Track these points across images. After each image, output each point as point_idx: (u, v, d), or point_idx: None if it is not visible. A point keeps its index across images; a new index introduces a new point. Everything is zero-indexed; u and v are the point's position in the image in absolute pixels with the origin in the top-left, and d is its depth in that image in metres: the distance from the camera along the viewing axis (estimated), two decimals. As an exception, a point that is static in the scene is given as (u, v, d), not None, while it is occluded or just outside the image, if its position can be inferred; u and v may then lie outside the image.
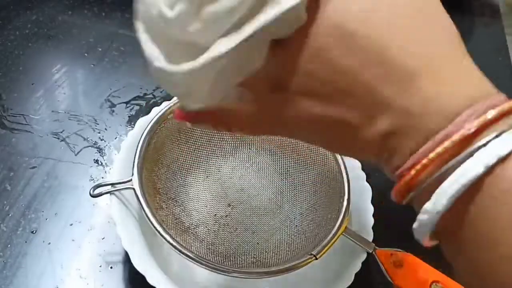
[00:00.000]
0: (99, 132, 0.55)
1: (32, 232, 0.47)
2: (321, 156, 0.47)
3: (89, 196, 0.41)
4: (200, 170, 0.48)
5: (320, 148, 0.47)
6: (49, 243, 0.46)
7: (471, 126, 0.17)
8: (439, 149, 0.17)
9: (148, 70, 0.22)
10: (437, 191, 0.18)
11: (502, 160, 0.17)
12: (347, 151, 0.23)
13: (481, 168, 0.17)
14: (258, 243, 0.45)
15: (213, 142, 0.48)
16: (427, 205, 0.18)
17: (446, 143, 0.17)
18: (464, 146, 0.17)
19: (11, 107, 0.56)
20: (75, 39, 0.64)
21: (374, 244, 0.41)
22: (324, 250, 0.40)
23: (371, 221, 0.44)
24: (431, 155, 0.18)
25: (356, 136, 0.20)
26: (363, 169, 0.47)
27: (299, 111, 0.21)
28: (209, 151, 0.49)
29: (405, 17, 0.19)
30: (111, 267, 0.45)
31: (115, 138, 0.55)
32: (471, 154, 0.17)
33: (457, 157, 0.17)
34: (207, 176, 0.48)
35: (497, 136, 0.17)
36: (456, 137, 0.17)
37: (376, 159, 0.21)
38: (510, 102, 0.18)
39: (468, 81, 0.19)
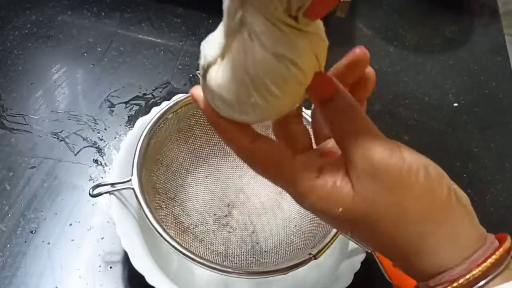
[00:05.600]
0: (98, 132, 0.55)
1: (32, 232, 0.47)
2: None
3: (89, 196, 0.41)
4: (199, 170, 0.48)
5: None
6: (49, 243, 0.46)
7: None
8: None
9: None
10: None
11: None
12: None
13: None
14: (257, 243, 0.45)
15: (212, 142, 0.48)
16: None
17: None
18: None
19: (11, 107, 0.56)
20: (75, 39, 0.64)
21: (373, 244, 0.41)
22: (323, 250, 0.40)
23: (371, 221, 0.44)
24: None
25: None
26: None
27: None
28: (208, 151, 0.49)
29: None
30: (110, 267, 0.45)
31: (115, 138, 0.55)
32: None
33: None
34: (206, 176, 0.48)
35: None
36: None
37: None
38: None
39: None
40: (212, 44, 0.26)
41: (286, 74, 0.24)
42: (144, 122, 0.45)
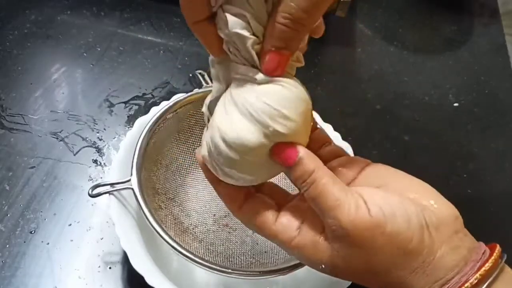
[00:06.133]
0: (98, 132, 0.55)
1: (31, 232, 0.47)
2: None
3: (88, 196, 0.41)
4: (199, 170, 0.48)
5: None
6: (48, 243, 0.46)
7: None
8: None
9: None
10: None
11: None
12: None
13: None
14: (257, 243, 0.45)
15: (212, 142, 0.48)
16: None
17: None
18: None
19: (10, 107, 0.56)
20: (74, 39, 0.64)
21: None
22: (323, 250, 0.39)
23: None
24: None
25: None
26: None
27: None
28: (208, 151, 0.48)
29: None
30: (109, 268, 0.45)
31: (114, 138, 0.55)
32: None
33: None
34: (206, 176, 0.48)
35: None
36: None
37: None
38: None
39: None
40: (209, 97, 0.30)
41: (287, 94, 0.26)
42: (144, 122, 0.45)
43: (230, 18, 0.25)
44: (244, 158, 0.27)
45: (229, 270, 0.39)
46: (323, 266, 0.27)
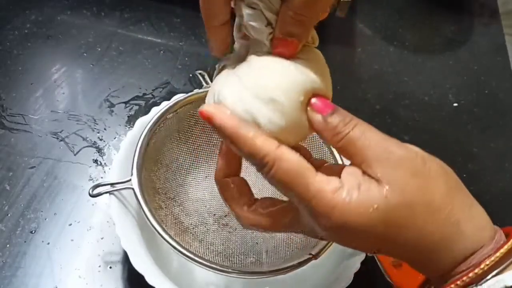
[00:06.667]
0: (98, 132, 0.55)
1: (31, 232, 0.47)
2: (319, 154, 0.47)
3: (88, 196, 0.41)
4: (199, 169, 0.48)
5: (319, 145, 0.47)
6: (48, 243, 0.46)
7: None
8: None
9: None
10: None
11: None
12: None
13: None
14: (257, 243, 0.45)
15: (212, 142, 0.48)
16: None
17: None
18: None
19: (10, 107, 0.56)
20: (74, 39, 0.64)
21: (373, 244, 0.41)
22: (323, 250, 0.39)
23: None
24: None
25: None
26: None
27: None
28: (208, 150, 0.48)
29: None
30: (110, 267, 0.45)
31: (114, 138, 0.55)
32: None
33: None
34: (206, 176, 0.48)
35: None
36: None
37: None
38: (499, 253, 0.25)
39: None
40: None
41: (315, 55, 0.30)
42: (144, 122, 0.45)
43: (245, 11, 0.27)
44: (294, 100, 0.27)
45: (229, 270, 0.39)
46: (376, 206, 0.25)
